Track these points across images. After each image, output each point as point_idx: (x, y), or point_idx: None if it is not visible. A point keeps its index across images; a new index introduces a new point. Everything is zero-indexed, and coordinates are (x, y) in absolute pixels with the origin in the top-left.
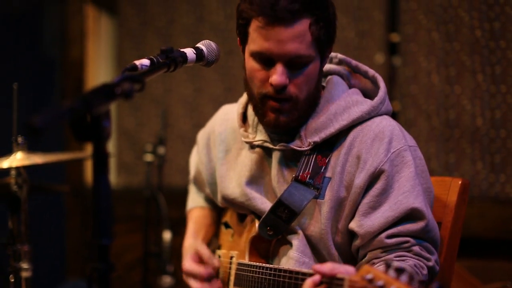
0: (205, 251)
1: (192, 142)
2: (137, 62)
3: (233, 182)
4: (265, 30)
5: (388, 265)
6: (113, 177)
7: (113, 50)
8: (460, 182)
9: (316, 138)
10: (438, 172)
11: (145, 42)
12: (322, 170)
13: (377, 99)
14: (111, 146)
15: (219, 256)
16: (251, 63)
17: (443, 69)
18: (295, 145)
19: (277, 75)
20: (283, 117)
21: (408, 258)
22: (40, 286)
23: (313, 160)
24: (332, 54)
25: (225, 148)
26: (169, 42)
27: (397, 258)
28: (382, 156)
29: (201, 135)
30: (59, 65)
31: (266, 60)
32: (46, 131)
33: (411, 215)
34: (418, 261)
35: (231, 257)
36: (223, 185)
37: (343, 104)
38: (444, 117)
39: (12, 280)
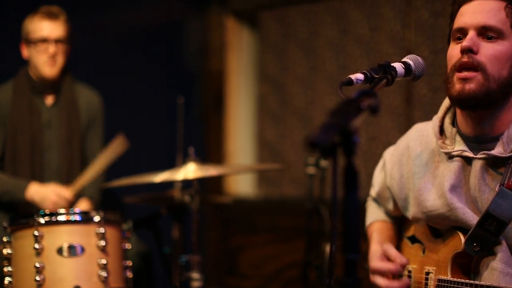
0: (392, 250)
1: None
2: (352, 77)
3: (433, 194)
4: (464, 7)
5: None
6: (253, 189)
7: (254, 62)
8: None
9: None
10: None
11: (287, 55)
12: None
13: None
14: (251, 157)
15: (410, 271)
16: (450, 48)
17: None
18: (497, 152)
19: (466, 40)
20: (469, 85)
21: None
22: None
23: None
24: None
25: (421, 162)
26: (312, 54)
27: None
28: None
29: (391, 153)
30: (200, 77)
31: (461, 34)
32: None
33: None
34: None
35: (427, 273)
36: (421, 198)
37: None
38: None
39: None
